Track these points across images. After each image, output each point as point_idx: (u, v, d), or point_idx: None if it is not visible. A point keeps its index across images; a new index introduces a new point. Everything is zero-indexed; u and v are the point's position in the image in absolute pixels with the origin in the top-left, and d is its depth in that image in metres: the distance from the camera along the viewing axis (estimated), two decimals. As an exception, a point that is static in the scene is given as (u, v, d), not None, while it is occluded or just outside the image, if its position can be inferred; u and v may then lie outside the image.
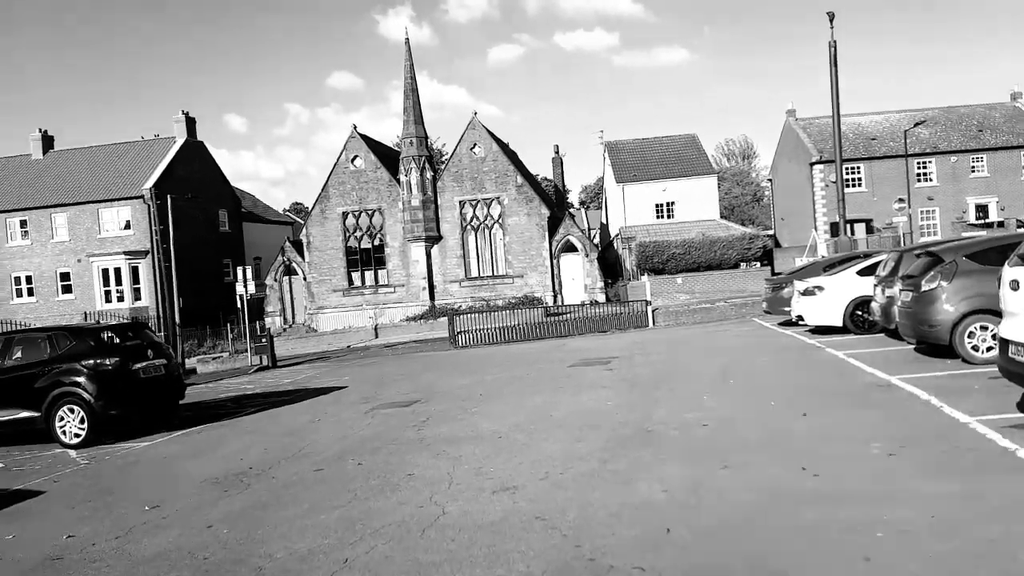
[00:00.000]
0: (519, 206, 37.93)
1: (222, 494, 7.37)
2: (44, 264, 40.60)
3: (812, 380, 10.41)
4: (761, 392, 9.88)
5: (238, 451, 9.53)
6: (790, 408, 8.64)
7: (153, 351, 12.05)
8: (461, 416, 10.33)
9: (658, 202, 43.13)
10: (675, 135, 47.41)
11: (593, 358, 16.05)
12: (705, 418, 8.44)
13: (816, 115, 48.53)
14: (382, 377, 16.83)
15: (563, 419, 9.27)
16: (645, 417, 8.86)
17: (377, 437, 9.40)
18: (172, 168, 41.20)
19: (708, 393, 10.15)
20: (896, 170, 43.99)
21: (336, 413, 11.88)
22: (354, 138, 39.16)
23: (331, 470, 7.86)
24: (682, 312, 25.24)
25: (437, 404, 11.69)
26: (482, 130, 38.80)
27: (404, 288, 38.65)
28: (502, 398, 11.61)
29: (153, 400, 11.98)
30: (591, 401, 10.41)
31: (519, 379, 13.82)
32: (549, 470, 6.84)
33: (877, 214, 43.82)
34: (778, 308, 18.76)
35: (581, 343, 20.68)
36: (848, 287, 15.53)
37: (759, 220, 72.81)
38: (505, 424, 9.33)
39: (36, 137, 44.12)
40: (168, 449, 10.34)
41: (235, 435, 10.84)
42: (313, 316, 39.23)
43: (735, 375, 11.59)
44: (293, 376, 19.82)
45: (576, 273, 38.03)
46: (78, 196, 40.42)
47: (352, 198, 39.00)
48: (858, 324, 15.31)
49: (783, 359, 12.94)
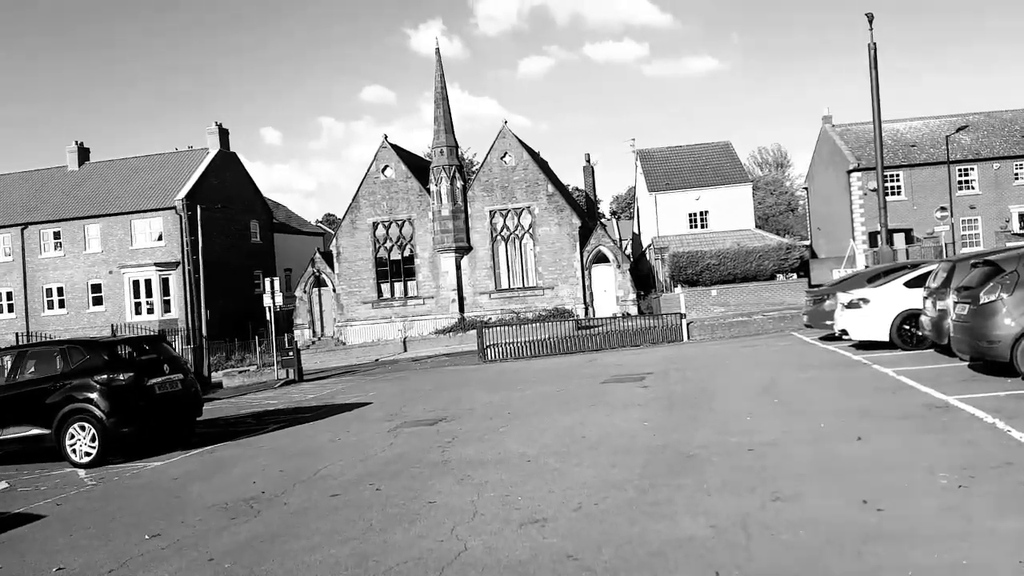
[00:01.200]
0: (550, 216, 37.40)
1: (229, 522, 6.91)
2: (76, 276, 40.98)
3: (862, 399, 9.70)
4: (808, 412, 9.21)
5: (252, 473, 9.10)
6: (842, 430, 7.97)
7: (170, 366, 11.70)
8: (488, 436, 9.80)
9: (691, 211, 42.30)
10: (708, 143, 46.57)
11: (626, 374, 15.42)
12: (750, 442, 7.81)
13: (853, 121, 47.38)
14: (408, 393, 16.37)
15: (596, 441, 8.68)
16: (685, 440, 8.25)
17: (399, 459, 8.89)
18: (204, 179, 41.41)
19: (751, 413, 9.50)
20: (936, 177, 42.63)
21: (358, 432, 11.42)
22: (385, 148, 39.00)
23: (348, 496, 7.37)
24: (717, 325, 24.46)
25: (463, 423, 11.17)
26: (512, 139, 38.40)
27: (433, 300, 38.27)
28: (531, 417, 11.05)
29: (168, 417, 11.61)
30: (626, 421, 9.81)
31: (549, 396, 13.26)
32: (582, 500, 6.27)
33: (917, 223, 42.50)
34: (820, 322, 17.96)
35: (613, 358, 20.05)
36: (895, 300, 14.74)
37: (794, 230, 71.41)
38: (534, 446, 8.77)
39: (72, 149, 44.77)
40: (180, 469, 9.95)
41: (251, 455, 10.41)
42: (342, 328, 39.02)
43: (778, 393, 10.91)
44: (318, 391, 19.45)
45: (608, 285, 37.35)
46: (111, 207, 40.79)
47: (382, 208, 38.79)
48: (906, 339, 14.51)
49: (828, 376, 12.21)
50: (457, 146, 38.51)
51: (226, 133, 44.32)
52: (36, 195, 43.37)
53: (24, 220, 41.53)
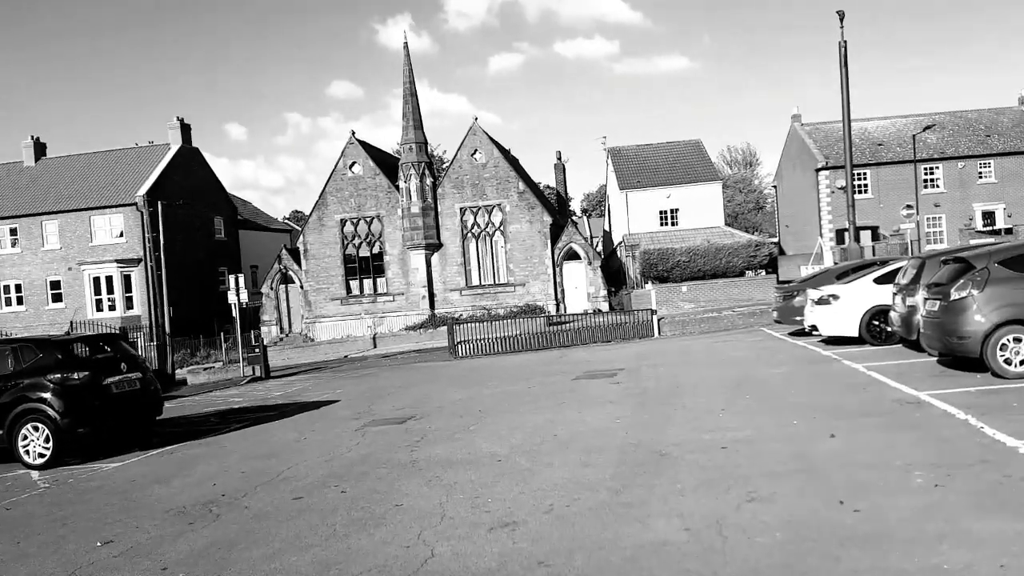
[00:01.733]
0: (521, 213, 37.22)
1: (186, 527, 6.61)
2: (34, 272, 39.88)
3: (834, 396, 9.65)
4: (781, 409, 9.13)
5: (213, 474, 8.77)
6: (815, 427, 7.89)
7: (127, 364, 11.29)
8: (458, 435, 9.57)
9: (662, 209, 42.42)
10: (679, 141, 46.74)
11: (598, 370, 15.29)
12: (723, 439, 7.69)
13: (822, 120, 47.87)
14: (377, 390, 16.07)
15: (568, 439, 8.51)
16: (657, 438, 8.11)
17: (365, 459, 8.63)
18: (166, 175, 40.53)
19: (724, 410, 9.39)
20: (902, 176, 43.22)
21: (324, 431, 11.12)
22: (352, 144, 38.49)
23: (311, 499, 7.10)
24: (688, 321, 24.48)
25: (433, 421, 10.93)
26: (483, 136, 38.12)
27: (403, 297, 37.90)
28: (502, 414, 10.85)
29: (126, 417, 11.21)
30: (598, 419, 9.65)
31: (520, 393, 13.07)
32: (554, 502, 6.08)
33: (883, 221, 43.09)
34: (790, 317, 18.01)
35: (585, 354, 19.93)
36: (865, 296, 14.80)
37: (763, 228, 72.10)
38: (505, 445, 8.57)
39: (28, 144, 43.48)
40: (137, 471, 9.57)
41: (213, 455, 10.07)
42: (310, 325, 38.47)
43: (751, 389, 10.83)
44: (285, 388, 19.05)
45: (579, 281, 37.29)
46: (70, 203, 39.73)
47: (350, 205, 38.29)
48: (875, 335, 14.59)
49: (799, 372, 12.19)
50: (426, 142, 38.13)
51: (188, 128, 43.41)
52: (-9, 190, 42.10)
53: (-22, 215, 40.30)
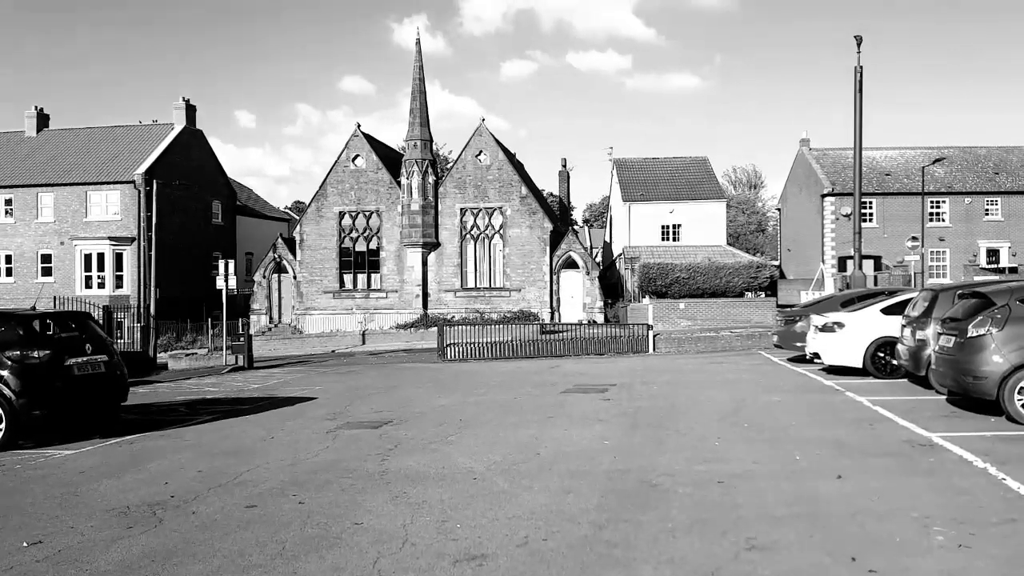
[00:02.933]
0: (521, 218, 36.64)
1: (125, 531, 5.99)
2: (26, 244, 39.22)
3: (838, 430, 9.06)
4: (781, 441, 8.53)
5: (167, 471, 8.14)
6: (819, 465, 7.29)
7: (93, 346, 10.64)
8: (435, 445, 8.95)
9: (664, 224, 41.90)
10: (685, 156, 46.29)
11: (589, 384, 14.69)
12: (720, 472, 7.08)
13: (830, 146, 47.45)
14: (357, 389, 15.45)
15: (551, 460, 7.89)
16: (648, 465, 7.49)
17: (332, 466, 8.01)
18: (167, 155, 39.91)
19: (719, 438, 8.79)
20: (909, 207, 42.79)
21: (295, 430, 10.49)
22: (357, 137, 37.92)
23: (265, 508, 6.48)
24: (685, 339, 23.89)
25: (410, 428, 10.31)
26: (489, 138, 37.57)
27: (397, 294, 37.29)
28: (484, 426, 10.23)
29: (88, 401, 10.56)
30: (585, 438, 9.04)
31: (506, 404, 12.45)
32: (529, 533, 5.46)
33: (886, 251, 42.62)
34: (790, 343, 17.44)
35: (576, 366, 19.32)
36: (871, 326, 14.24)
37: (764, 250, 71.61)
38: (483, 461, 7.95)
39: (31, 114, 42.87)
40: (90, 461, 8.93)
41: (173, 449, 9.43)
42: (300, 317, 37.83)
43: (749, 417, 10.23)
44: (264, 381, 18.41)
45: (576, 291, 36.69)
46: (67, 177, 39.10)
47: (350, 198, 37.70)
48: (880, 367, 14.04)
49: (800, 401, 11.59)
50: (431, 140, 37.59)
51: (193, 109, 42.82)
52: (-11, 157, 41.47)
53: (-26, 182, 39.66)
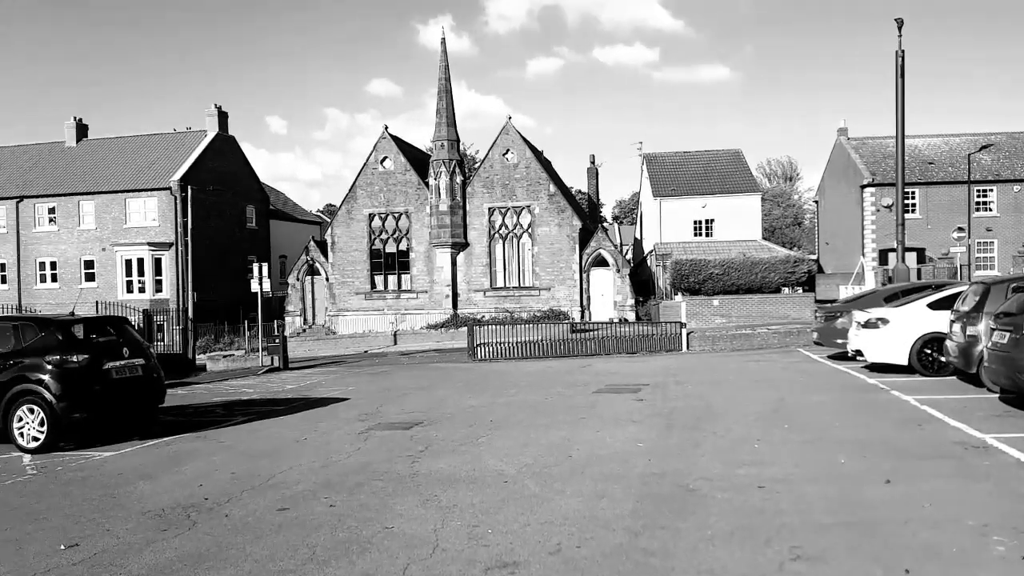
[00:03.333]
0: (550, 216, 36.45)
1: (159, 534, 5.98)
2: (69, 251, 40.13)
3: (884, 431, 8.75)
4: (825, 443, 8.26)
5: (202, 473, 8.15)
6: (866, 469, 7.03)
7: (130, 349, 10.76)
8: (465, 447, 8.85)
9: (697, 219, 41.33)
10: (717, 150, 45.59)
11: (621, 384, 14.48)
12: (760, 476, 6.86)
13: (869, 135, 46.36)
14: (389, 390, 15.43)
15: (584, 462, 7.73)
16: (684, 468, 7.30)
17: (363, 468, 7.95)
18: (201, 161, 40.51)
19: (760, 440, 8.55)
20: (953, 197, 41.55)
21: (327, 431, 10.47)
22: (385, 139, 38.05)
23: (297, 511, 6.43)
24: (719, 337, 23.50)
25: (441, 429, 10.22)
26: (516, 136, 37.42)
27: (427, 295, 37.36)
28: (515, 427, 10.11)
29: (126, 404, 10.67)
30: (619, 440, 8.86)
31: (537, 404, 12.31)
32: (563, 540, 5.32)
33: (930, 243, 41.51)
34: (831, 339, 17.01)
35: (608, 365, 19.10)
36: (917, 321, 13.80)
37: (800, 243, 70.43)
38: (514, 463, 7.82)
39: (71, 125, 43.88)
40: (128, 463, 9.00)
41: (208, 451, 9.46)
42: (333, 318, 38.11)
43: (789, 417, 9.96)
44: (299, 381, 18.51)
45: (606, 289, 36.39)
46: (107, 185, 39.95)
47: (379, 200, 37.87)
48: (926, 364, 13.58)
49: (843, 401, 11.26)
50: (458, 140, 37.54)
51: (225, 116, 43.37)
52: (32, 169, 42.52)
53: (20, 193, 40.74)
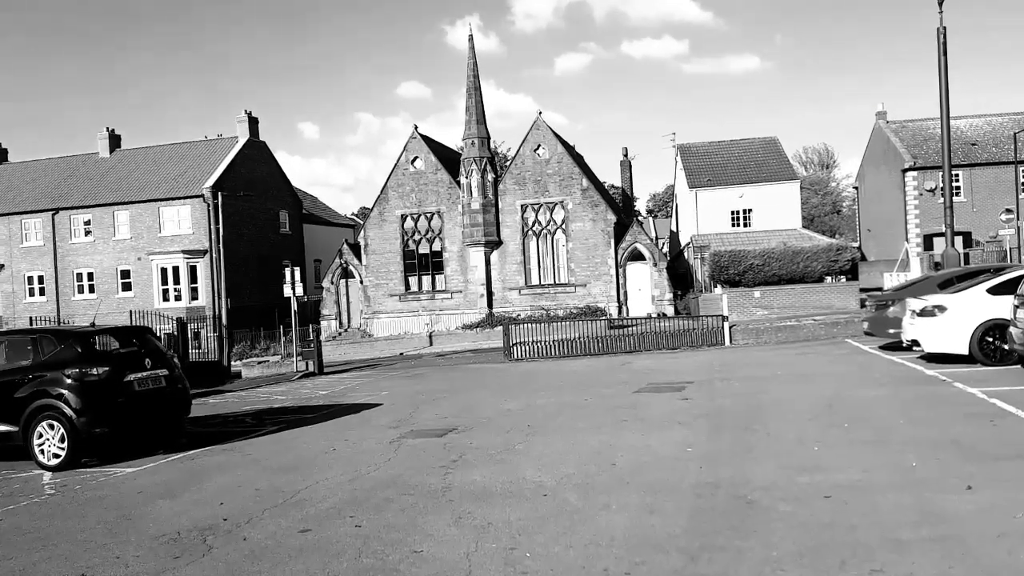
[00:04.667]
0: (584, 211, 35.79)
1: (171, 562, 5.57)
2: (106, 261, 40.56)
3: (954, 429, 8.04)
4: (890, 443, 7.58)
5: (225, 489, 7.75)
6: (941, 473, 6.36)
7: (153, 360, 10.44)
8: (501, 455, 8.34)
9: (734, 209, 40.33)
10: (753, 138, 44.47)
11: (663, 382, 13.85)
12: (824, 483, 6.23)
13: (909, 118, 44.86)
14: (423, 394, 15.00)
15: (629, 471, 7.17)
16: (739, 476, 6.69)
17: (393, 482, 7.48)
18: (233, 167, 40.65)
19: (818, 441, 7.89)
20: (999, 178, 40.07)
21: (358, 441, 10.04)
22: (415, 139, 37.74)
23: (320, 533, 5.97)
24: (763, 330, 22.68)
25: (476, 436, 9.73)
26: (547, 131, 36.83)
27: (462, 294, 36.97)
28: (553, 433, 9.57)
29: (150, 417, 10.34)
30: (665, 445, 8.27)
31: (576, 407, 11.76)
32: (610, 565, 4.77)
33: (976, 226, 40.05)
34: (882, 329, 16.17)
35: (648, 362, 18.45)
36: (977, 308, 12.95)
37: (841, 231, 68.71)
38: (554, 474, 7.28)
39: (103, 136, 44.41)
40: (149, 480, 8.65)
41: (234, 465, 9.09)
42: (368, 320, 37.92)
43: (847, 415, 9.27)
44: (332, 387, 18.20)
45: (643, 283, 35.63)
46: (140, 194, 40.28)
47: (411, 200, 37.57)
48: (988, 353, 12.73)
49: (903, 395, 10.52)
50: (489, 137, 37.07)
51: (256, 122, 43.49)
52: (67, 181, 43.10)
53: (55, 205, 41.32)
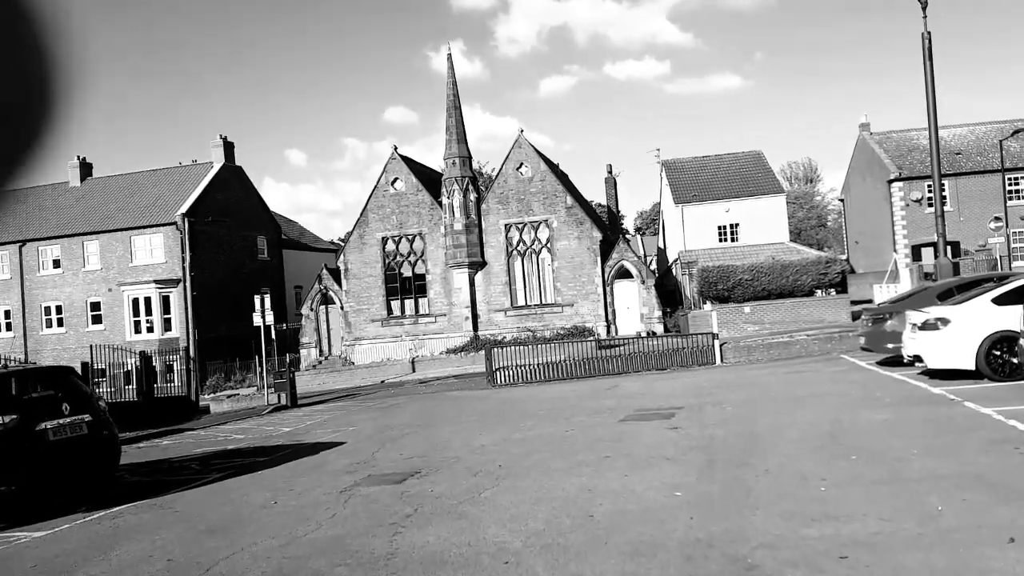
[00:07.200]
0: (569, 229, 34.87)
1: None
2: (75, 294, 39.24)
3: (977, 461, 7.03)
4: (907, 481, 6.56)
5: (131, 562, 6.59)
6: (974, 519, 5.34)
7: (72, 405, 9.30)
8: (464, 507, 7.25)
9: (721, 224, 39.58)
10: (738, 152, 43.91)
11: (651, 408, 12.81)
12: (838, 537, 5.19)
13: (892, 129, 44.50)
14: (393, 428, 13.88)
15: (608, 525, 6.10)
16: (737, 529, 5.64)
17: (332, 546, 6.36)
18: (208, 193, 39.56)
19: (825, 479, 6.86)
20: (985, 187, 39.71)
21: (305, 491, 8.90)
22: (395, 160, 36.80)
23: (227, 621, 4.89)
24: (755, 347, 21.72)
25: (439, 480, 8.63)
26: (529, 149, 36.00)
27: (446, 318, 35.86)
28: (527, 475, 8.49)
29: (69, 469, 9.21)
30: (651, 488, 7.21)
31: (555, 440, 10.69)
32: (573, 671, 3.73)
33: (964, 235, 39.52)
34: (880, 344, 15.24)
35: (637, 384, 17.42)
36: (982, 319, 12.04)
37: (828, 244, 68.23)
38: (520, 530, 6.21)
39: (74, 164, 43.18)
40: (53, 549, 7.47)
41: (154, 526, 7.92)
42: (350, 348, 36.72)
43: (853, 444, 8.26)
44: (299, 423, 17.03)
45: (631, 301, 34.67)
46: (111, 223, 39.06)
47: (392, 222, 36.54)
48: (996, 368, 11.80)
49: (911, 418, 9.52)
50: (470, 157, 36.19)
51: (231, 147, 42.48)
52: (36, 211, 41.81)
53: (23, 237, 40.00)
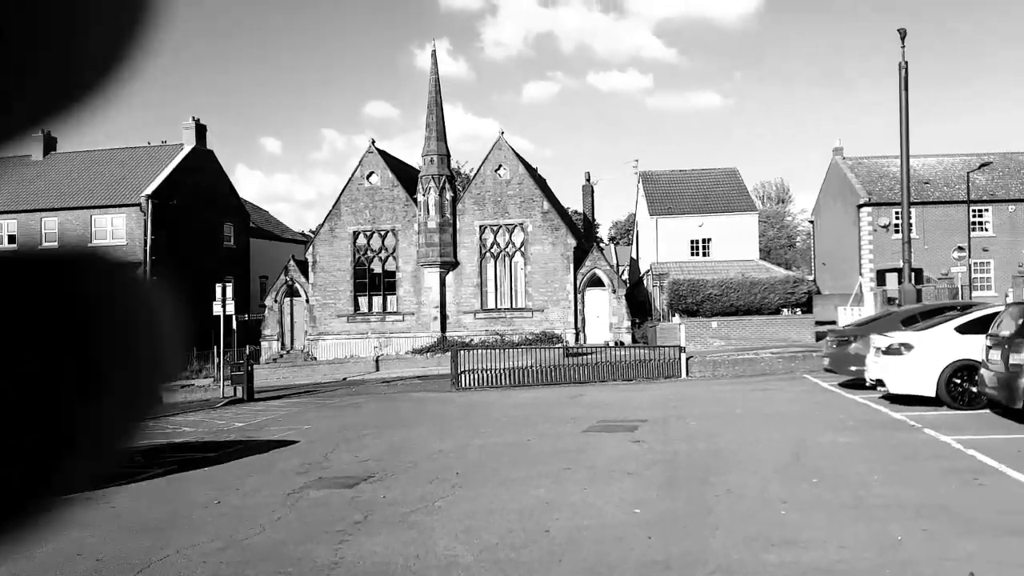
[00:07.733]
0: (544, 234, 34.71)
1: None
2: (31, 272, 38.12)
3: (937, 488, 6.97)
4: (868, 507, 6.46)
5: (56, 560, 6.16)
6: (934, 550, 5.24)
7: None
8: (416, 516, 6.99)
9: (694, 238, 39.77)
10: (714, 168, 44.21)
11: (615, 420, 12.66)
12: (797, 565, 5.04)
13: (864, 155, 45.17)
14: (350, 428, 13.54)
15: (563, 543, 5.89)
16: (696, 551, 5.47)
17: (272, 551, 6.06)
18: (176, 176, 38.68)
19: (786, 502, 6.74)
20: (950, 217, 40.51)
21: (252, 491, 8.56)
22: (371, 153, 36.30)
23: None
24: (720, 362, 21.73)
25: (393, 486, 8.36)
26: (508, 151, 35.78)
27: (414, 317, 35.45)
28: (485, 483, 8.26)
29: None
30: (610, 503, 7.02)
31: (516, 449, 10.47)
32: None
33: (928, 263, 40.21)
34: (844, 367, 15.29)
35: (602, 395, 17.28)
36: (945, 347, 12.13)
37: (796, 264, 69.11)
38: (473, 544, 5.97)
39: (38, 137, 41.88)
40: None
41: (86, 522, 7.45)
42: (313, 343, 36.12)
43: (815, 466, 8.16)
44: (253, 417, 16.60)
45: (601, 310, 34.61)
46: (72, 200, 37.99)
47: (365, 217, 36.03)
48: (956, 396, 11.89)
49: (873, 442, 9.48)
50: (448, 155, 35.87)
51: (204, 129, 41.64)
52: (-6, 183, 40.60)
53: (-22, 209, 38.78)
